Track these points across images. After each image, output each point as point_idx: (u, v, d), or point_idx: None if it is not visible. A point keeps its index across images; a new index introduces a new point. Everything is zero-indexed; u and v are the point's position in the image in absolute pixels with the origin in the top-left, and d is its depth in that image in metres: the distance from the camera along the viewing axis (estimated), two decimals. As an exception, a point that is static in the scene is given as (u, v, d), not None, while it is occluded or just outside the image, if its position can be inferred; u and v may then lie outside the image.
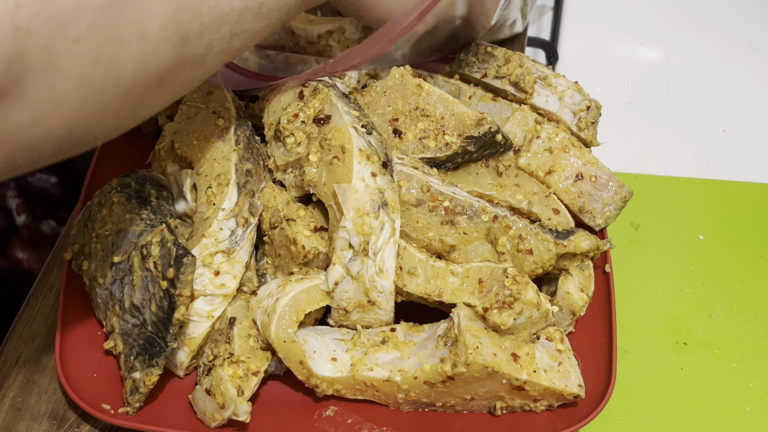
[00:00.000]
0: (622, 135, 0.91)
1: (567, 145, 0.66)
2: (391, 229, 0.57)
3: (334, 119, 0.59)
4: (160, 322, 0.55)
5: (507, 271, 0.57)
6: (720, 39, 1.00)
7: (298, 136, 0.59)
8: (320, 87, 0.62)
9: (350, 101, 0.62)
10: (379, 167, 0.57)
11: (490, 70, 0.71)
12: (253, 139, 0.63)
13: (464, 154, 0.64)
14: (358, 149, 0.57)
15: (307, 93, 0.61)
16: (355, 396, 0.59)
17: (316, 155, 0.58)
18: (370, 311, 0.58)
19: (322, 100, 0.60)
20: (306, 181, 0.58)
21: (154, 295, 0.55)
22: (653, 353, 0.73)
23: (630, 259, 0.79)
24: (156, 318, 0.55)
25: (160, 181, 0.63)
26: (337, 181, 0.56)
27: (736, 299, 0.76)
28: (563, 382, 0.57)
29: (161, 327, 0.55)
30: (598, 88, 0.94)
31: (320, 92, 0.61)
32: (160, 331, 0.55)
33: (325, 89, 0.61)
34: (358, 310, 0.58)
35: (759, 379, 0.71)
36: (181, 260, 0.54)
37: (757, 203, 0.84)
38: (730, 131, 0.92)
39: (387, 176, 0.58)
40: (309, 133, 0.59)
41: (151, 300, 0.55)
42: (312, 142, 0.58)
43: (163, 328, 0.55)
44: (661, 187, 0.85)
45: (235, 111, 0.63)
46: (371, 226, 0.56)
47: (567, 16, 1.01)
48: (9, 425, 0.59)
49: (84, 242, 0.62)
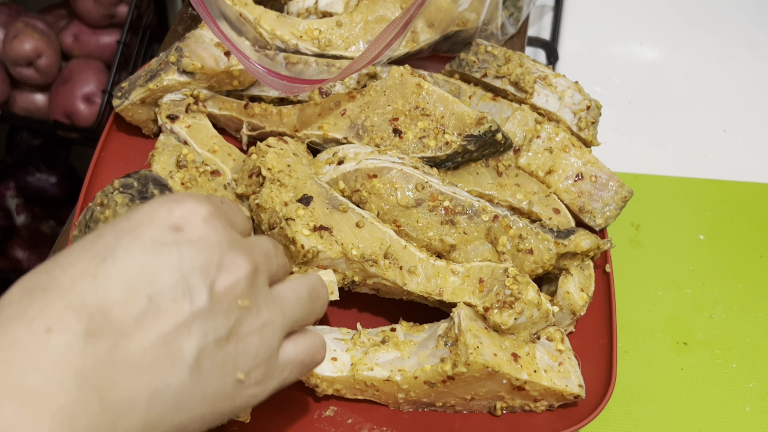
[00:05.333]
0: (622, 135, 0.91)
1: (567, 145, 0.66)
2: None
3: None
4: None
5: (508, 271, 0.57)
6: (720, 39, 1.00)
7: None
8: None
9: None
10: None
11: (490, 69, 0.71)
12: None
13: (464, 154, 0.64)
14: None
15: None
16: (355, 396, 0.59)
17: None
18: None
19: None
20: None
21: None
22: (653, 353, 0.73)
23: (630, 259, 0.79)
24: None
25: (162, 181, 0.63)
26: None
27: (736, 299, 0.76)
28: (563, 382, 0.57)
29: None
30: (598, 88, 0.94)
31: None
32: None
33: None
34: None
35: (759, 380, 0.71)
36: None
37: (757, 203, 0.84)
38: (731, 131, 0.92)
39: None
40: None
41: None
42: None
43: None
44: (661, 187, 0.85)
45: None
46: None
47: (567, 16, 1.01)
48: (8, 425, 0.59)
49: (84, 242, 0.62)
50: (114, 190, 0.62)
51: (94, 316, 0.36)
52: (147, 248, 0.38)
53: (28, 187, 1.24)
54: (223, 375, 0.40)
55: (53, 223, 1.27)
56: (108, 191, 0.62)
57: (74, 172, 1.27)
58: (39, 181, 1.24)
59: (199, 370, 0.38)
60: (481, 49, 0.72)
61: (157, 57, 0.71)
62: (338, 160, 0.63)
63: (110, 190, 0.62)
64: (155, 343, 0.37)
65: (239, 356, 0.40)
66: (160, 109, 0.69)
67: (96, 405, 0.35)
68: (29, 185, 1.24)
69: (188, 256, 0.39)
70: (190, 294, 0.38)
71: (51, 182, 1.24)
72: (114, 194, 0.61)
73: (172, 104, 0.69)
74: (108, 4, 1.08)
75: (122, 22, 1.09)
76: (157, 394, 0.37)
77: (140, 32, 1.08)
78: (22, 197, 1.27)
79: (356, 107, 0.66)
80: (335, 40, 0.73)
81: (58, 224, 1.27)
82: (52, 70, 1.11)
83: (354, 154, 0.63)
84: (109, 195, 0.62)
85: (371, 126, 0.65)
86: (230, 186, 0.65)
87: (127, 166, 0.69)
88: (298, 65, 0.71)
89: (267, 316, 0.42)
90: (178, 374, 0.37)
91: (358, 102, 0.66)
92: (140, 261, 0.38)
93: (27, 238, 1.26)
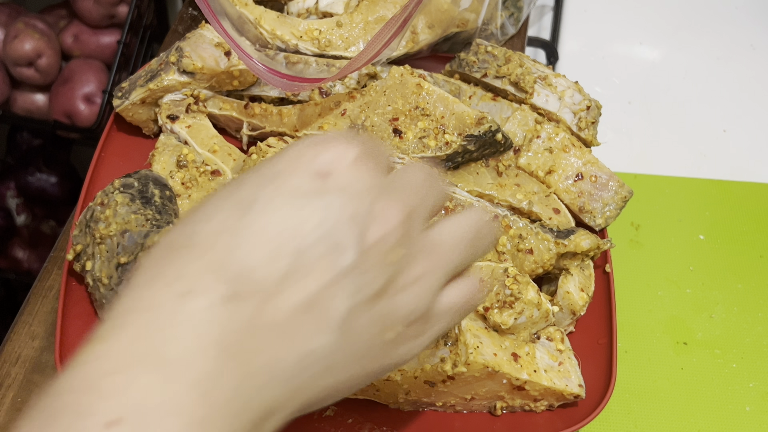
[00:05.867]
0: (622, 135, 0.91)
1: (567, 145, 0.66)
2: None
3: None
4: None
5: (508, 271, 0.57)
6: (720, 39, 1.00)
7: None
8: None
9: None
10: None
11: (490, 69, 0.71)
12: None
13: (464, 154, 0.64)
14: None
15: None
16: (355, 395, 0.59)
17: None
18: None
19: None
20: None
21: None
22: (653, 353, 0.73)
23: (630, 259, 0.79)
24: None
25: (163, 181, 0.63)
26: None
27: (736, 299, 0.76)
28: (563, 382, 0.57)
29: None
30: (598, 88, 0.94)
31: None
32: None
33: None
34: None
35: (759, 379, 0.71)
36: None
37: (757, 203, 0.84)
38: (731, 131, 0.92)
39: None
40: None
41: None
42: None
43: None
44: (661, 187, 0.85)
45: None
46: None
47: (567, 16, 1.01)
48: (9, 425, 0.59)
49: (86, 243, 0.62)
50: (114, 190, 0.62)
51: (235, 278, 0.34)
52: (290, 199, 0.35)
53: (29, 187, 1.24)
54: (374, 334, 0.36)
55: (53, 223, 1.27)
56: (108, 191, 0.62)
57: (74, 172, 1.27)
58: (39, 181, 1.24)
59: (349, 330, 0.35)
60: (481, 49, 0.72)
61: (157, 57, 0.71)
62: (338, 160, 0.63)
63: (111, 189, 0.62)
64: (301, 304, 0.34)
65: (392, 313, 0.37)
66: (160, 109, 0.69)
67: (238, 374, 0.33)
68: (29, 185, 1.24)
69: (335, 206, 0.35)
70: (338, 249, 0.35)
71: (51, 182, 1.24)
72: (114, 194, 0.61)
73: (173, 104, 0.69)
74: (108, 4, 1.08)
75: (122, 22, 1.09)
76: (303, 359, 0.34)
77: (140, 32, 1.08)
78: (23, 197, 1.27)
79: (356, 107, 0.66)
80: (335, 40, 0.73)
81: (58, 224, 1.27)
82: (53, 70, 1.11)
83: (354, 154, 0.63)
84: (110, 195, 0.62)
85: (371, 126, 0.65)
86: (230, 186, 0.65)
87: (128, 166, 0.69)
88: (298, 65, 0.71)
89: (423, 268, 0.37)
90: (327, 337, 0.34)
91: (358, 102, 0.67)
92: (283, 214, 0.35)
93: (27, 238, 1.26)
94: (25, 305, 0.67)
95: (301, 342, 0.34)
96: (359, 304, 0.35)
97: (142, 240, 0.57)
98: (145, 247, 0.57)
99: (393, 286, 0.37)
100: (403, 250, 0.36)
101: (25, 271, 1.24)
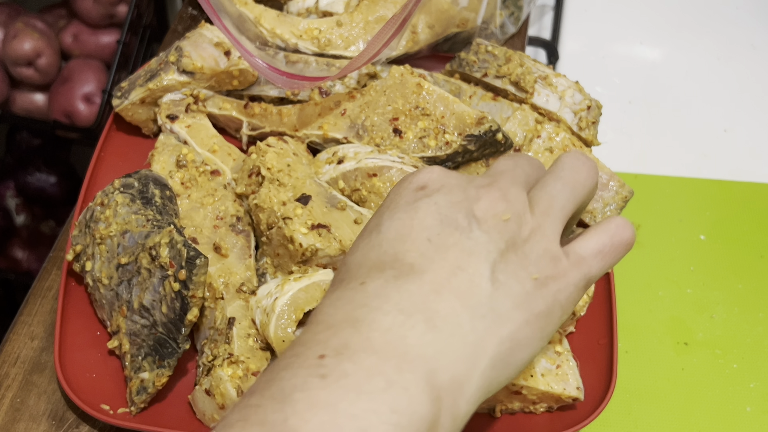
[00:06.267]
0: (623, 135, 0.91)
1: (567, 145, 0.66)
2: None
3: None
4: (172, 324, 0.55)
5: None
6: (720, 39, 1.00)
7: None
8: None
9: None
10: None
11: (490, 69, 0.70)
12: None
13: (464, 153, 0.64)
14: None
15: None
16: (355, 396, 0.59)
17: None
18: None
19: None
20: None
21: (165, 297, 0.55)
22: (654, 353, 0.73)
23: (630, 259, 0.78)
24: (167, 319, 0.55)
25: (162, 181, 0.63)
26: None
27: (737, 299, 0.76)
28: (561, 385, 0.57)
29: (173, 328, 0.55)
30: (598, 88, 0.94)
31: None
32: (172, 333, 0.55)
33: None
34: None
35: (760, 380, 0.71)
36: (193, 262, 0.54)
37: (758, 203, 0.84)
38: (731, 131, 0.91)
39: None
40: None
41: (162, 301, 0.55)
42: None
43: (174, 330, 0.55)
44: (661, 187, 0.85)
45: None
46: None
47: (567, 16, 1.01)
48: (8, 425, 0.59)
49: (86, 243, 0.61)
50: (114, 190, 0.61)
51: (391, 264, 0.42)
52: (405, 210, 0.44)
53: (28, 187, 1.24)
54: (519, 279, 0.42)
55: (53, 223, 1.27)
56: (108, 191, 0.62)
57: (74, 172, 1.27)
58: (39, 181, 1.24)
59: (498, 280, 0.42)
60: (482, 48, 0.72)
61: (157, 57, 0.71)
62: (338, 160, 0.63)
63: (110, 189, 0.62)
64: (452, 270, 0.41)
65: (525, 260, 0.43)
66: (159, 109, 0.69)
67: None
68: (29, 185, 1.24)
69: (441, 200, 0.44)
70: (457, 225, 0.43)
71: (51, 182, 1.24)
72: (114, 194, 0.61)
73: (172, 104, 0.69)
74: (108, 3, 1.08)
75: (122, 22, 1.08)
76: (473, 311, 0.41)
77: (140, 32, 1.08)
78: (22, 197, 1.26)
79: (356, 107, 0.66)
80: (335, 39, 0.73)
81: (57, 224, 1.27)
82: (52, 70, 1.11)
83: (354, 154, 0.63)
84: (110, 195, 0.61)
85: (371, 126, 0.65)
86: (230, 186, 0.65)
87: (127, 166, 0.69)
88: (298, 64, 0.71)
89: (533, 222, 0.44)
90: (484, 289, 0.41)
91: (358, 102, 0.66)
92: (405, 220, 0.43)
93: (27, 238, 1.26)
94: (24, 305, 0.67)
95: (466, 299, 0.41)
96: (496, 259, 0.42)
97: (143, 240, 0.57)
98: (146, 247, 0.56)
99: (516, 241, 0.43)
100: (509, 213, 0.43)
101: (24, 271, 1.24)
